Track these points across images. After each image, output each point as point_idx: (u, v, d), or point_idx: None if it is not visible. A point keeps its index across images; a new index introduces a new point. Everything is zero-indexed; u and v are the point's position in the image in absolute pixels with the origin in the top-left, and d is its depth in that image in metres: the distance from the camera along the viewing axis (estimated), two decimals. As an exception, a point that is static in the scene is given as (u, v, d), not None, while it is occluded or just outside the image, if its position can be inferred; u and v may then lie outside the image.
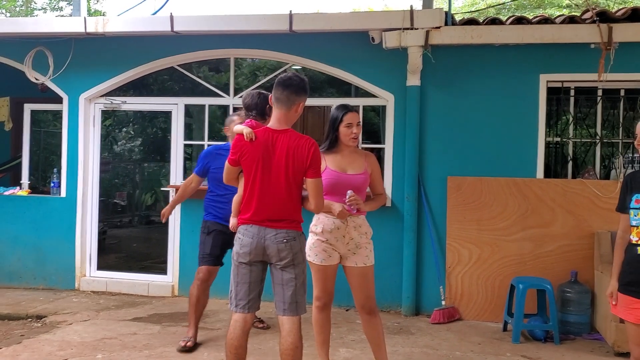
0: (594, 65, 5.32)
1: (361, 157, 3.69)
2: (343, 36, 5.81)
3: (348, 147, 3.67)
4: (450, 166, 5.68)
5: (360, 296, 3.63)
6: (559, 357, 4.48)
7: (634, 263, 3.03)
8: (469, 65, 5.70)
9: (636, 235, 3.01)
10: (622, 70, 5.33)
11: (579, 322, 5.06)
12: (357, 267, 3.59)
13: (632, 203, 3.02)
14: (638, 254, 3.00)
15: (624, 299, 3.08)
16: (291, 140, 3.12)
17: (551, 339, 4.84)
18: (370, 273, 3.64)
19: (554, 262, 5.36)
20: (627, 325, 3.13)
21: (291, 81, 3.17)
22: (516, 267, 5.42)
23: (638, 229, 3.00)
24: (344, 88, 6.27)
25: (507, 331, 5.08)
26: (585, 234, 5.30)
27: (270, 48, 6.09)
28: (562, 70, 5.54)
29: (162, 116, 6.61)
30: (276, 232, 3.12)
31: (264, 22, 5.76)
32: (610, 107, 5.84)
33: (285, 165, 3.10)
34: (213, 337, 4.77)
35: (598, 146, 5.81)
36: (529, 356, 4.46)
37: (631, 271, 3.05)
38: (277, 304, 3.22)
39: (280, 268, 3.16)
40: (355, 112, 3.67)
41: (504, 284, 5.34)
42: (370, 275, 3.64)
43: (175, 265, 6.27)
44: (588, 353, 4.59)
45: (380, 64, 5.82)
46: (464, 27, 5.54)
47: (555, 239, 5.39)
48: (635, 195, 3.02)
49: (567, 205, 5.40)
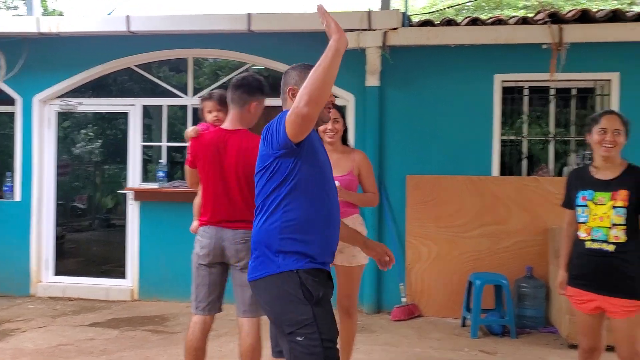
0: (547, 65, 5.46)
1: (347, 157, 3.63)
2: (302, 36, 5.83)
3: (332, 147, 3.61)
4: (409, 165, 5.75)
5: (340, 294, 3.63)
6: (515, 350, 4.59)
7: (582, 257, 3.12)
8: (426, 65, 5.79)
9: (584, 231, 3.10)
10: (573, 70, 5.49)
11: (534, 316, 5.19)
12: (341, 266, 3.57)
13: (579, 200, 3.11)
14: (586, 248, 3.09)
15: (573, 291, 3.18)
16: (243, 141, 3.12)
17: (508, 333, 4.96)
18: (355, 273, 3.61)
19: (510, 257, 5.49)
20: (577, 315, 3.24)
21: (243, 81, 3.17)
22: (474, 263, 5.53)
23: (586, 225, 3.09)
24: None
25: (465, 327, 5.18)
26: (539, 230, 5.44)
27: (229, 48, 6.07)
28: (516, 70, 5.67)
29: (122, 117, 6.51)
30: (234, 232, 3.11)
31: (222, 22, 5.74)
32: (562, 105, 6.01)
33: (236, 165, 3.09)
34: (173, 340, 4.73)
35: (552, 144, 5.97)
36: (486, 351, 4.56)
37: (580, 265, 3.14)
38: (237, 306, 3.21)
39: (239, 269, 3.15)
40: (335, 109, 3.62)
41: (462, 280, 5.44)
42: (354, 275, 3.61)
43: (135, 268, 6.18)
44: (543, 346, 4.72)
45: (340, 65, 5.83)
46: (421, 29, 5.62)
47: (511, 235, 5.52)
48: (581, 193, 3.11)
49: (522, 202, 5.53)
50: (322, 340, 2.11)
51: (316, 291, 2.16)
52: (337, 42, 2.10)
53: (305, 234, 2.20)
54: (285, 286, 2.16)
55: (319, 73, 2.05)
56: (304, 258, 2.19)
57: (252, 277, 2.27)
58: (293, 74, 2.39)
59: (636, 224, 3.01)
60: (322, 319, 2.15)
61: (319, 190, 2.26)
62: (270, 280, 2.20)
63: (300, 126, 2.08)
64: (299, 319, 2.12)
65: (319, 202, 2.25)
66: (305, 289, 2.15)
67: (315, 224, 2.23)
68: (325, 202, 2.27)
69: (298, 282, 2.16)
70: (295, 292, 2.14)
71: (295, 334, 2.11)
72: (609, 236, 3.00)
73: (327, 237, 2.27)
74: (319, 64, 2.07)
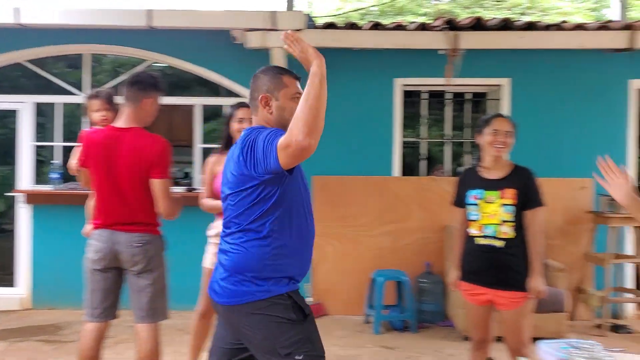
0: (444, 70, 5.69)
1: None
2: (206, 34, 5.73)
3: None
4: (314, 166, 5.80)
5: None
6: (414, 344, 4.76)
7: (474, 253, 3.29)
8: (331, 67, 5.75)
9: (476, 228, 3.26)
10: (468, 76, 5.76)
11: (433, 311, 5.41)
12: None
13: (470, 199, 3.27)
14: (477, 245, 3.25)
15: (466, 286, 3.34)
16: (136, 139, 3.01)
17: (409, 328, 5.14)
18: None
19: (411, 254, 5.69)
20: (468, 309, 3.41)
21: (137, 78, 3.07)
22: (376, 261, 5.67)
23: (477, 222, 3.25)
24: (214, 87, 6.19)
25: (368, 323, 5.30)
26: (437, 228, 5.67)
27: (130, 44, 5.86)
28: (415, 74, 5.89)
29: (12, 115, 6.09)
30: (129, 236, 2.99)
31: (120, 18, 5.52)
32: (458, 109, 6.31)
33: (130, 165, 2.98)
34: (67, 350, 4.49)
35: (449, 145, 6.23)
36: (387, 346, 4.70)
37: (472, 261, 3.30)
38: (134, 312, 3.10)
39: (135, 274, 3.04)
40: (248, 108, 3.52)
41: (365, 278, 5.56)
42: None
43: (27, 276, 5.81)
44: (441, 339, 4.93)
45: (245, 64, 5.80)
46: (325, 31, 5.69)
47: (411, 233, 5.72)
48: (471, 192, 3.26)
49: (421, 201, 5.75)
50: (319, 356, 2.15)
51: (307, 309, 2.18)
52: (321, 67, 2.07)
53: (292, 258, 2.20)
54: (276, 310, 2.13)
55: (312, 102, 1.99)
56: (290, 280, 2.19)
57: (235, 301, 2.17)
58: (264, 79, 2.28)
59: (522, 221, 3.21)
60: (316, 335, 2.18)
61: (303, 212, 2.25)
62: (258, 306, 2.14)
63: (299, 158, 2.03)
64: (295, 339, 2.11)
65: (304, 225, 2.25)
66: (297, 309, 2.15)
67: (299, 246, 2.23)
68: (307, 224, 2.26)
69: (289, 304, 2.15)
70: (287, 315, 2.13)
71: (294, 353, 2.09)
72: (499, 232, 3.17)
73: (307, 257, 2.29)
74: (309, 93, 2.01)
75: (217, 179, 3.50)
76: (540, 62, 5.83)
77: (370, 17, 12.70)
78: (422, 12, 12.69)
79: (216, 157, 3.61)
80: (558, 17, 11.72)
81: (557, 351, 1.66)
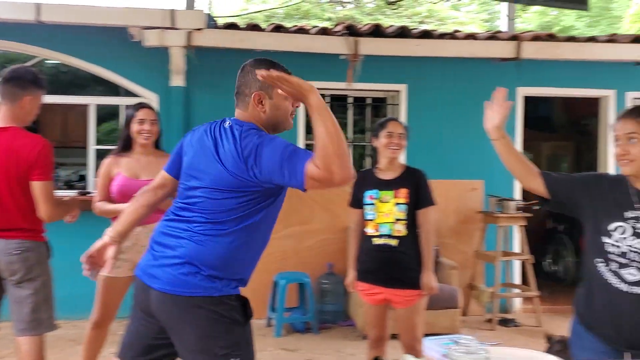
0: (345, 74, 5.81)
1: (158, 161, 3.33)
2: (102, 32, 5.48)
3: (145, 149, 3.42)
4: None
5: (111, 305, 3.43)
6: (316, 346, 4.81)
7: (370, 253, 3.38)
8: (234, 68, 5.72)
9: (372, 227, 3.36)
10: (368, 81, 5.91)
11: (335, 311, 5.49)
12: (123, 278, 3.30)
13: (366, 199, 3.37)
14: (374, 244, 3.35)
15: (363, 286, 3.42)
16: (14, 140, 2.80)
17: (310, 329, 5.18)
18: None
19: (313, 256, 5.74)
20: (365, 308, 3.49)
21: (14, 74, 2.88)
22: (280, 263, 5.67)
23: (373, 221, 3.35)
24: (112, 86, 5.94)
25: (270, 326, 5.29)
26: (339, 229, 5.76)
27: (17, 39, 5.51)
28: (318, 78, 5.90)
29: None
30: (6, 243, 2.78)
31: (7, 10, 5.17)
32: (359, 113, 6.45)
33: (6, 167, 2.77)
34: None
35: (350, 149, 6.37)
36: (289, 348, 4.71)
37: (368, 260, 3.39)
38: (15, 324, 2.90)
39: (14, 284, 2.84)
40: (150, 109, 3.45)
41: (268, 280, 5.55)
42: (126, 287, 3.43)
43: None
44: (341, 339, 5.01)
45: (143, 63, 5.64)
46: (226, 31, 5.63)
47: (314, 235, 5.78)
48: (368, 192, 3.37)
49: (324, 202, 5.82)
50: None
51: (250, 312, 2.14)
52: (319, 99, 1.97)
53: (247, 262, 2.16)
54: (223, 309, 2.04)
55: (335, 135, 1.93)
56: (239, 282, 2.14)
57: (182, 292, 2.03)
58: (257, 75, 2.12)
59: (415, 219, 3.34)
60: (251, 340, 2.14)
61: (272, 221, 2.20)
62: (203, 301, 2.04)
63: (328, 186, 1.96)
64: (234, 341, 2.04)
65: (267, 233, 2.20)
66: (242, 311, 2.09)
67: (256, 253, 2.19)
68: (269, 232, 2.22)
69: (235, 305, 2.08)
70: (231, 315, 2.05)
71: (230, 355, 2.02)
72: (393, 230, 3.29)
73: (255, 264, 2.25)
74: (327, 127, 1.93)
75: (115, 181, 3.36)
76: (435, 69, 6.09)
77: (276, 19, 12.73)
78: (326, 17, 12.90)
79: (112, 159, 3.46)
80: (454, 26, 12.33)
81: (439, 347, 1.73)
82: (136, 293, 2.19)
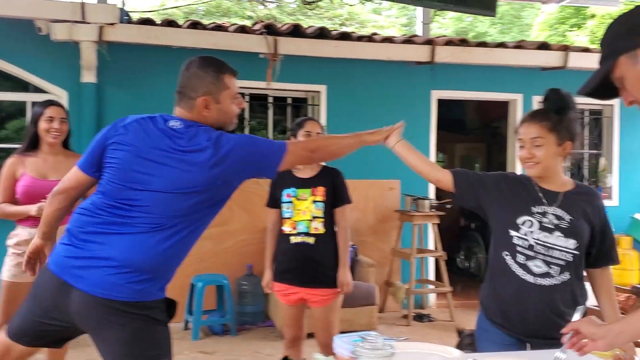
0: (265, 74, 5.78)
1: (67, 161, 3.19)
2: (7, 24, 5.18)
3: (53, 149, 3.26)
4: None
5: None
6: (234, 348, 4.76)
7: (287, 252, 3.37)
8: (150, 65, 5.65)
9: (289, 225, 3.36)
10: (288, 81, 5.92)
11: (254, 312, 5.45)
12: None
13: (284, 197, 3.37)
14: (291, 243, 3.34)
15: (279, 286, 3.41)
16: None
17: (229, 331, 5.11)
18: None
19: (232, 257, 5.67)
20: (281, 308, 3.48)
21: None
22: (197, 265, 5.54)
23: (291, 220, 3.35)
24: (21, 82, 5.60)
25: (188, 329, 5.18)
26: (258, 229, 5.70)
27: None
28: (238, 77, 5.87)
29: None
30: None
31: None
32: (280, 113, 6.44)
33: None
34: None
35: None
36: (206, 351, 4.63)
37: (285, 260, 3.39)
38: None
39: None
40: (59, 107, 3.30)
41: (186, 283, 5.43)
42: None
43: None
44: (260, 340, 4.99)
45: (51, 58, 5.37)
46: (141, 27, 5.46)
47: (232, 235, 5.71)
48: (285, 191, 3.37)
49: (244, 203, 5.75)
50: None
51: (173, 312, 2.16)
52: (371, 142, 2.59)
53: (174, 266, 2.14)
54: (149, 312, 2.01)
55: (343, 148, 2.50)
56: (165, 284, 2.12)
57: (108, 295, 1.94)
58: (204, 79, 2.12)
59: (332, 218, 3.37)
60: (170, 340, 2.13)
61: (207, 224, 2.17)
62: (133, 306, 1.97)
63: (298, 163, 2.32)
64: (162, 341, 2.06)
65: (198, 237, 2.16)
66: (168, 314, 2.10)
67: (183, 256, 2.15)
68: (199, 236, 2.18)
69: (161, 307, 2.07)
70: (157, 316, 2.04)
71: (160, 355, 2.03)
72: (310, 228, 3.30)
73: None
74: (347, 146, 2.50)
75: (20, 182, 3.18)
76: (354, 71, 6.18)
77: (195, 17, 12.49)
78: (247, 15, 12.80)
79: (17, 159, 3.27)
80: (374, 30, 12.58)
81: (348, 344, 1.75)
82: (46, 287, 2.04)
